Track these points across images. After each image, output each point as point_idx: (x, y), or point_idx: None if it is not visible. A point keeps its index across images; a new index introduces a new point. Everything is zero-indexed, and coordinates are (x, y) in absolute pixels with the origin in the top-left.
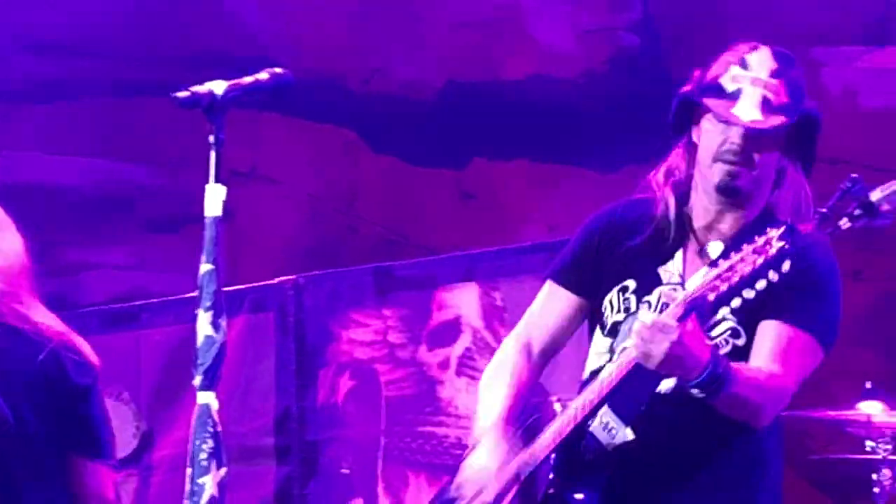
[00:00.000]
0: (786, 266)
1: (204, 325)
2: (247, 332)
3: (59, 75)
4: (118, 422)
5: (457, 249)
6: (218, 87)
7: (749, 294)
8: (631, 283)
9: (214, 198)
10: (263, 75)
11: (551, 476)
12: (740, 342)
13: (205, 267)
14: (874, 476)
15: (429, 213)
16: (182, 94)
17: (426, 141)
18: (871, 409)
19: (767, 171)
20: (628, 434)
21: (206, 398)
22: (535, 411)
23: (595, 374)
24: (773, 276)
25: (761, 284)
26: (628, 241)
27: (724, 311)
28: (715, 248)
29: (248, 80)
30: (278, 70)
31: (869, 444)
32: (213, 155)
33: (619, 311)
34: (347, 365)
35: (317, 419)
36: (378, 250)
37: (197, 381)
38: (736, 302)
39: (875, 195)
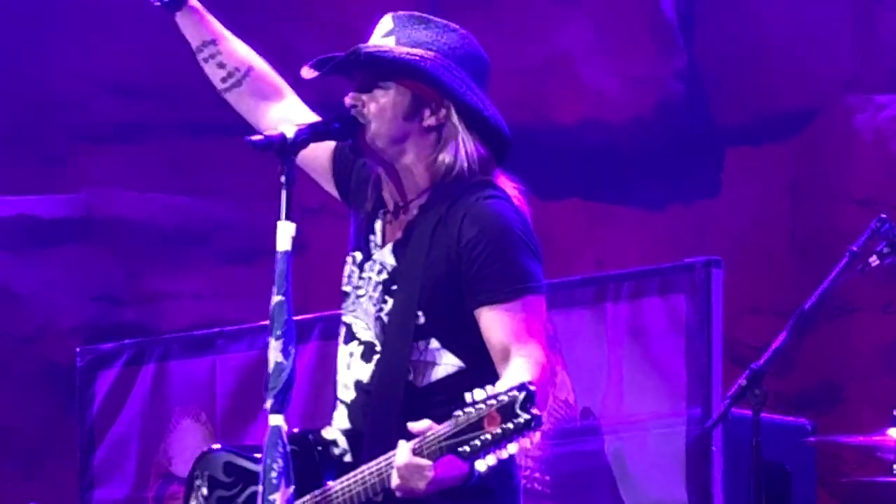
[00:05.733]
0: None
1: (275, 352)
2: (317, 357)
3: (140, 117)
4: (196, 441)
5: None
6: (289, 130)
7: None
8: (358, 255)
9: (285, 234)
10: (331, 118)
11: None
12: None
13: (276, 298)
14: None
15: None
16: (255, 137)
17: None
18: None
19: (390, 118)
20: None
21: (277, 420)
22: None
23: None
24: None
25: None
26: (362, 204)
27: None
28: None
29: (316, 122)
30: (345, 113)
31: None
32: (283, 194)
33: (346, 283)
34: None
35: None
36: None
37: (268, 404)
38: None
39: None
